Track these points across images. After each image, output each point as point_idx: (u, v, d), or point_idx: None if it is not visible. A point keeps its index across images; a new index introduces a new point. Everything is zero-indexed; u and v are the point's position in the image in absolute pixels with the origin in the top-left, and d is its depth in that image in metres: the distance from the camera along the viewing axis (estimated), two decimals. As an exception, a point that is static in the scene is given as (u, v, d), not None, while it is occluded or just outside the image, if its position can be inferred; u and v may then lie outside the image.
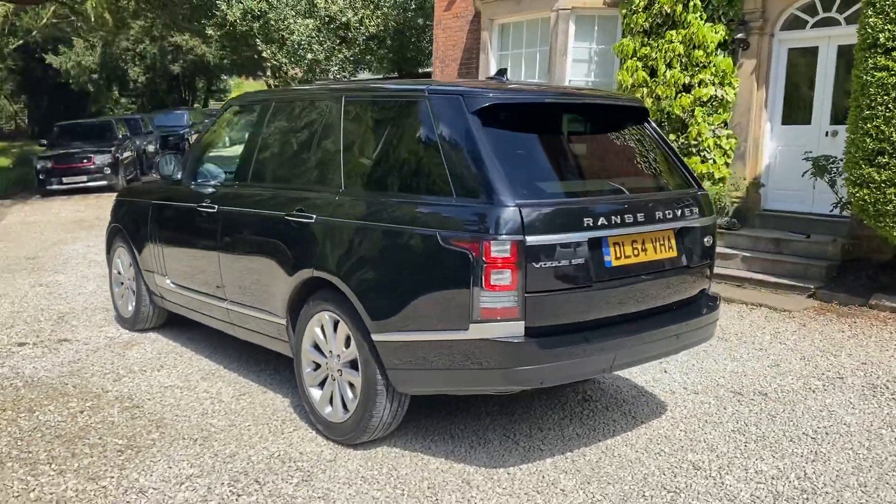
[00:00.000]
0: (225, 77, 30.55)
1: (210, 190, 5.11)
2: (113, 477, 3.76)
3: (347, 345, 4.00)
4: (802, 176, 8.22)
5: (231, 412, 4.58)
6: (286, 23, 17.03)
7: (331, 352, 4.12)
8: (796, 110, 9.29)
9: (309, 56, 16.99)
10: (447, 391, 3.92)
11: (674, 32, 9.50)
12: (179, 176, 5.45)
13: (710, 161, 9.42)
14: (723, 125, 9.47)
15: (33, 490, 3.63)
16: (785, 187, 9.19)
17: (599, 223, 3.59)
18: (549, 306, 3.50)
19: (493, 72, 11.92)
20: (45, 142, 20.13)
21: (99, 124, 20.50)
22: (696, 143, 9.40)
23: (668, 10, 9.52)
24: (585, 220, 3.54)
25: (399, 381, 3.80)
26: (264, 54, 17.76)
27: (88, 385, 5.02)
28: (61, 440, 4.18)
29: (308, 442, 4.17)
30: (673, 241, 4.02)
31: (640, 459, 4.04)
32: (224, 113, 5.52)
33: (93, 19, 17.17)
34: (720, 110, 9.42)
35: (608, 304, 3.72)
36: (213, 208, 4.97)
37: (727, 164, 9.48)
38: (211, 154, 5.56)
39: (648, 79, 9.74)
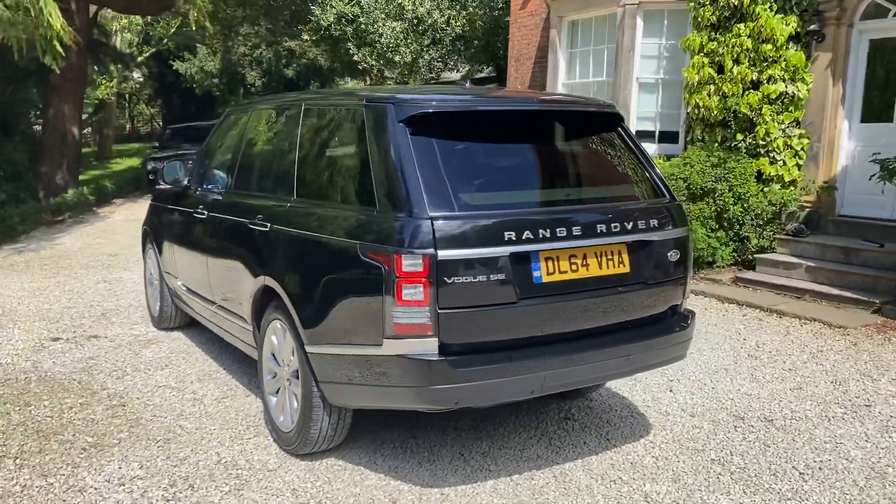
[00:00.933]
0: (338, 80, 31.37)
1: (208, 196, 5.25)
2: (63, 475, 3.92)
3: (294, 354, 4.00)
4: (869, 179, 7.49)
5: (205, 415, 4.68)
6: (375, 26, 17.27)
7: (283, 360, 4.13)
8: (877, 107, 8.49)
9: (397, 58, 17.17)
10: (378, 407, 3.84)
11: (741, 26, 8.90)
12: (187, 182, 5.64)
13: (780, 162, 8.77)
14: (794, 124, 8.79)
15: (-10, 483, 3.86)
16: (862, 191, 8.41)
17: (524, 237, 3.39)
18: (467, 324, 3.35)
19: (561, 71, 11.64)
20: (157, 144, 21.44)
21: (207, 127, 21.61)
22: (763, 143, 8.77)
23: (736, 3, 8.92)
24: (508, 233, 3.35)
25: (330, 394, 3.75)
26: (356, 58, 18.10)
27: (92, 382, 5.28)
28: (39, 435, 4.40)
29: (261, 450, 4.19)
30: (625, 256, 3.74)
31: (590, 487, 3.80)
32: (223, 120, 5.66)
33: (194, 28, 18.09)
34: (791, 108, 8.75)
35: (539, 322, 3.51)
36: (204, 214, 5.11)
37: (798, 166, 8.79)
38: (219, 159, 5.71)
39: (715, 75, 9.18)
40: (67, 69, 20.14)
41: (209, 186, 5.31)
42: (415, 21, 17.23)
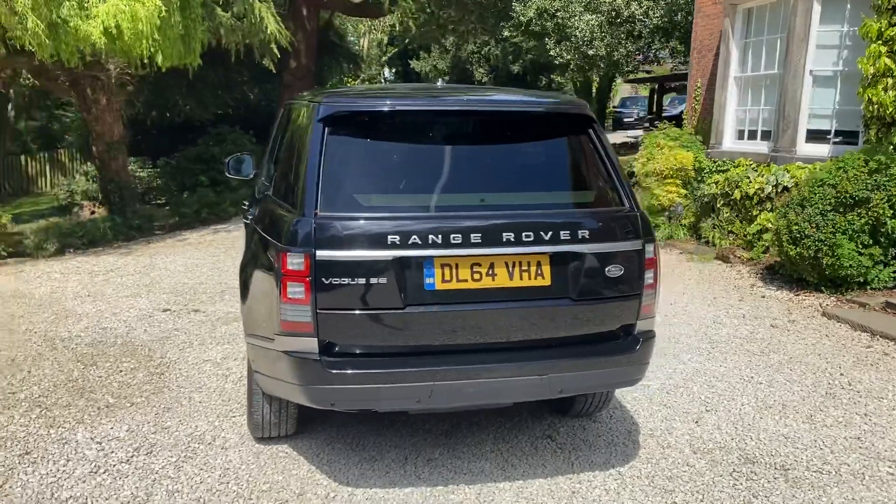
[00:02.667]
0: (556, 76, 31.21)
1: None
2: (64, 428, 4.44)
3: None
4: None
5: (219, 391, 5.03)
6: (572, 20, 16.99)
7: (250, 347, 4.34)
8: None
9: (591, 52, 16.74)
10: (289, 399, 3.86)
11: (925, 7, 7.54)
12: (252, 175, 6.05)
13: (963, 170, 7.31)
14: (984, 124, 7.28)
15: (9, 425, 4.49)
16: None
17: (413, 242, 3.24)
18: (349, 326, 3.29)
19: (734, 63, 10.69)
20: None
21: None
22: (945, 146, 7.37)
23: (922, -21, 7.57)
24: (394, 237, 3.23)
25: (258, 382, 3.87)
26: (551, 52, 17.94)
27: (157, 350, 5.90)
28: (77, 391, 5.03)
29: (235, 429, 4.43)
30: (546, 268, 3.42)
31: (506, 512, 3.55)
32: (280, 114, 5.98)
33: (397, 28, 19.01)
34: (981, 105, 7.25)
35: (430, 331, 3.34)
36: (246, 206, 5.48)
37: None
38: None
39: (894, 66, 7.88)
40: (297, 69, 22.19)
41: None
42: (612, 14, 16.68)
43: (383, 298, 3.26)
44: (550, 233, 3.37)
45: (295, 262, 3.23)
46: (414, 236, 3.24)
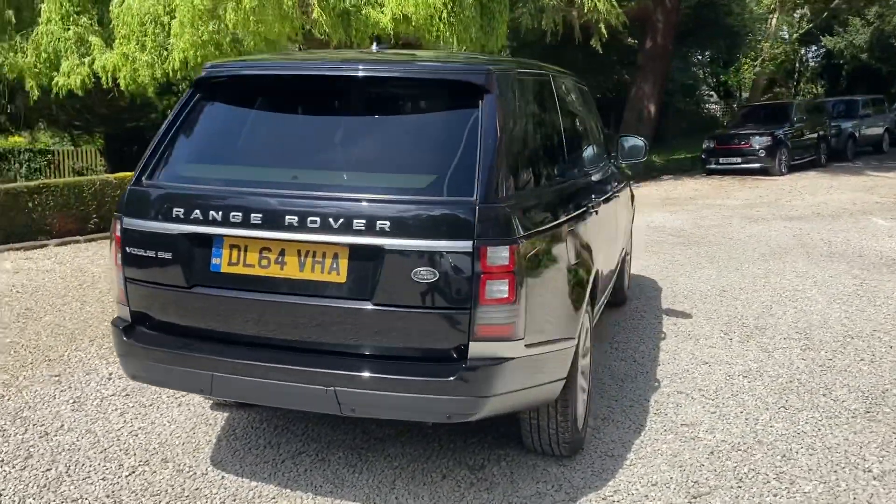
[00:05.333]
0: None
1: None
2: (30, 363, 4.97)
3: None
4: None
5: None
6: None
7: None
8: None
9: None
10: None
11: None
12: None
13: None
14: None
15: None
16: None
17: (203, 217, 2.97)
18: (148, 299, 3.19)
19: None
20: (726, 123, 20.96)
21: (778, 106, 20.14)
22: None
23: None
24: (185, 210, 3.02)
25: None
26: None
27: None
28: (72, 335, 5.54)
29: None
30: (343, 262, 2.84)
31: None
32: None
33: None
34: None
35: (213, 316, 3.08)
36: None
37: None
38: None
39: None
40: (653, 48, 21.30)
41: None
42: None
43: (172, 275, 3.10)
44: (349, 221, 2.81)
45: (116, 228, 3.25)
46: (204, 212, 2.99)
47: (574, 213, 3.56)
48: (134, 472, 3.55)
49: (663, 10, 20.45)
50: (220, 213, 2.96)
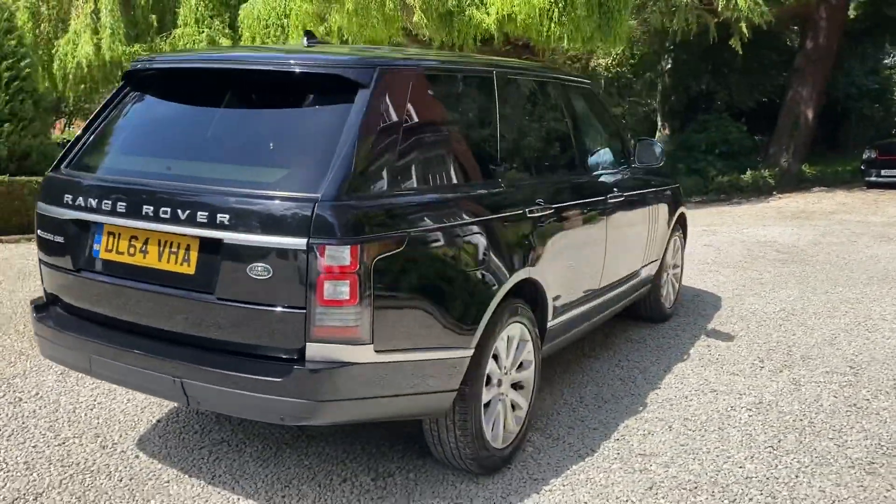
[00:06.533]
0: None
1: None
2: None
3: None
4: None
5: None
6: None
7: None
8: None
9: None
10: None
11: None
12: None
13: None
14: None
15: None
16: None
17: (84, 204, 3.10)
18: (54, 281, 3.37)
19: None
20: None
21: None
22: None
23: None
24: (70, 197, 3.17)
25: None
26: None
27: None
28: None
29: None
30: (193, 254, 2.82)
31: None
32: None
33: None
34: None
35: (94, 300, 3.20)
36: None
37: None
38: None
39: None
40: (814, 49, 19.64)
41: None
42: None
43: (66, 259, 3.25)
44: (194, 213, 2.80)
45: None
46: (89, 199, 3.12)
47: (483, 217, 3.31)
48: (63, 444, 3.73)
49: (828, 7, 18.73)
50: (102, 201, 3.07)
